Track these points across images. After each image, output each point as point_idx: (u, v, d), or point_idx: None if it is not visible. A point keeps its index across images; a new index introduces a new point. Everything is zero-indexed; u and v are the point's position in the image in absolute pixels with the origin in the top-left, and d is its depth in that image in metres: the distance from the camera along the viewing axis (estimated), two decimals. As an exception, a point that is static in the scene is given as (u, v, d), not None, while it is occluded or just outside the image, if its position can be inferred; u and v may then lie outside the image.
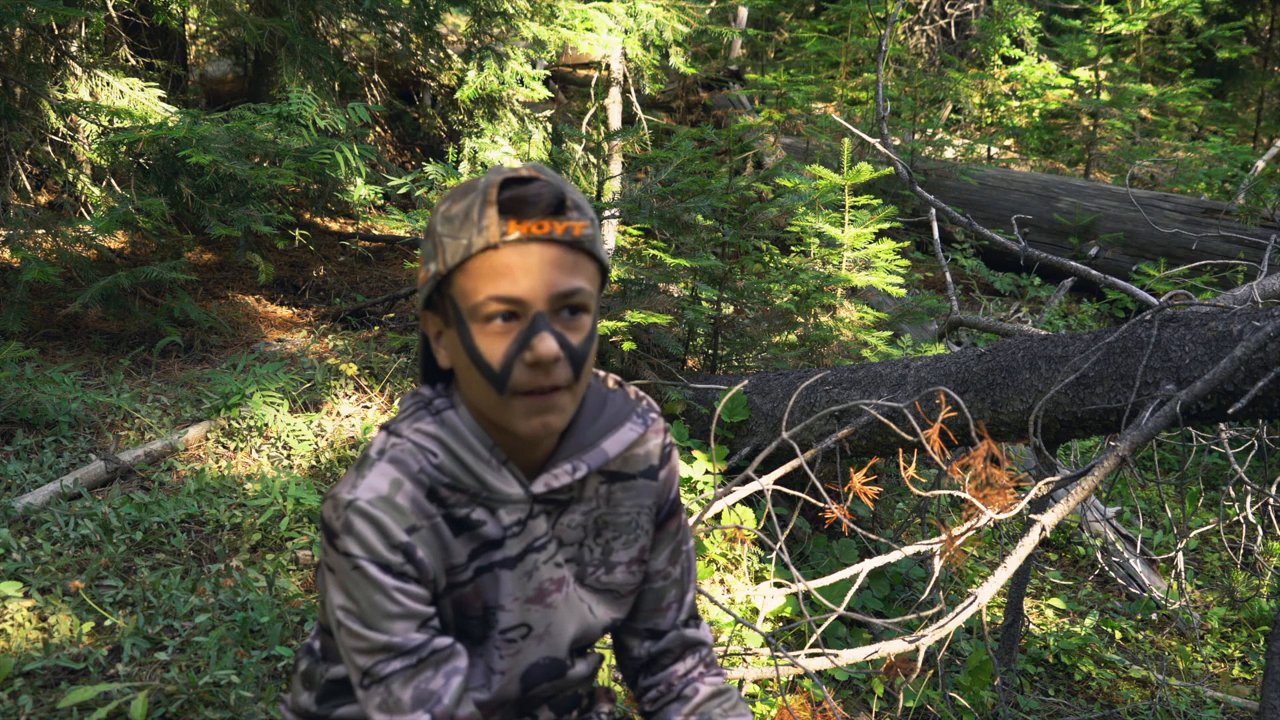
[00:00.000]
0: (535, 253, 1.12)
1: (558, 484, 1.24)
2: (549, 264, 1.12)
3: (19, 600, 2.38)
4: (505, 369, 1.13)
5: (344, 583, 1.17)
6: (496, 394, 1.15)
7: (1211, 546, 3.92)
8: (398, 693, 1.17)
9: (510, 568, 1.25)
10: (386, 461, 1.19)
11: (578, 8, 5.06)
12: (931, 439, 2.37)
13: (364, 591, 1.16)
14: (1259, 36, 10.51)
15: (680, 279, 3.95)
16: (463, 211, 1.14)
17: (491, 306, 1.12)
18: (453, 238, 1.14)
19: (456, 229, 1.13)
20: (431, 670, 1.18)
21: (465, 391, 1.21)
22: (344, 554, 1.16)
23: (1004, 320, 5.16)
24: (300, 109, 3.94)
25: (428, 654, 1.18)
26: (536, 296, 1.12)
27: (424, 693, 1.17)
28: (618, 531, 1.33)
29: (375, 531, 1.15)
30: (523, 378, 1.14)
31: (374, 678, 1.17)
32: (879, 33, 6.65)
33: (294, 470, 3.20)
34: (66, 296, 3.86)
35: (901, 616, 2.34)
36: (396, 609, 1.16)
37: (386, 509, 1.16)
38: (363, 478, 1.18)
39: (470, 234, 1.12)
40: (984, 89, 8.59)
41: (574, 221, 1.13)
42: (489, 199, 1.12)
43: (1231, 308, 2.47)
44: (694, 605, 1.45)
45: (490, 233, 1.11)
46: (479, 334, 1.14)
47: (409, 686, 1.17)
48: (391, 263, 5.20)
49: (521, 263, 1.11)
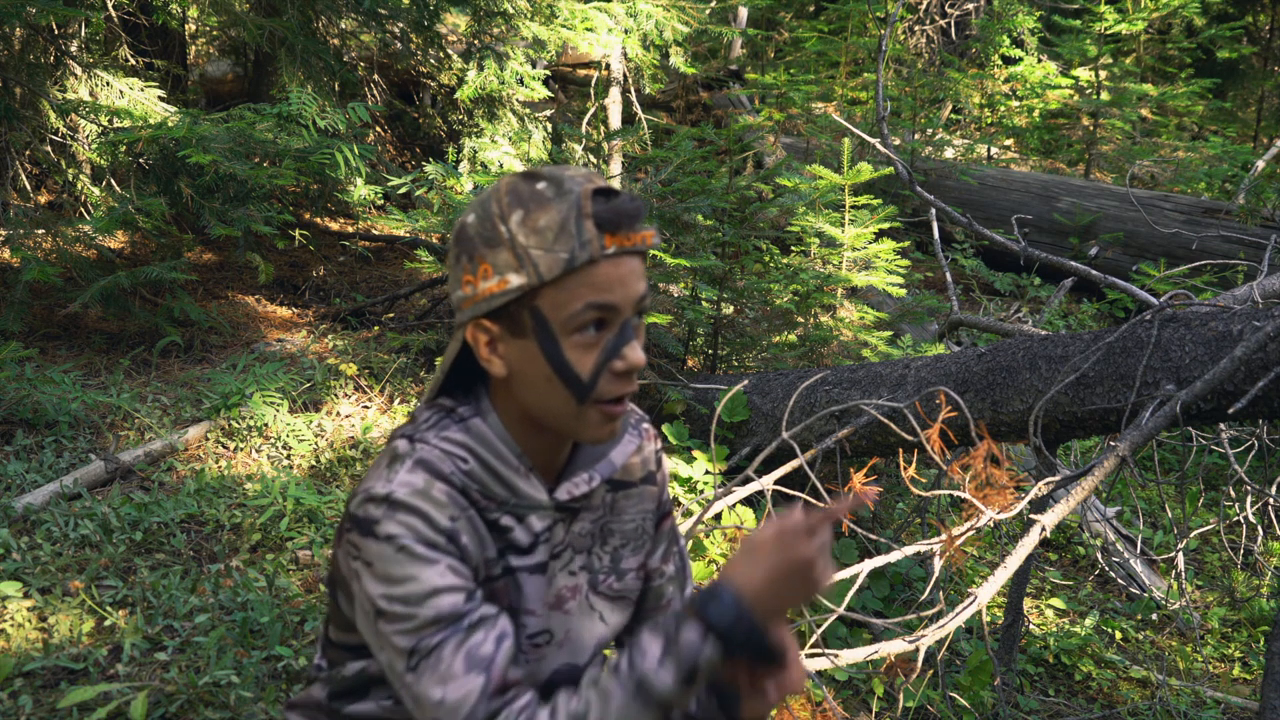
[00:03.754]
0: (625, 264, 1.16)
1: (579, 492, 1.26)
2: (633, 273, 1.17)
3: (19, 600, 2.38)
4: (594, 379, 1.16)
5: (385, 569, 1.14)
6: (576, 404, 1.17)
7: (1211, 546, 3.92)
8: (448, 659, 1.14)
9: (541, 572, 1.26)
10: (415, 461, 1.18)
11: (578, 8, 5.06)
12: (931, 439, 2.37)
13: (409, 570, 1.14)
14: (1259, 36, 10.51)
15: (680, 279, 3.95)
16: (555, 223, 1.13)
17: (589, 315, 1.14)
18: (547, 250, 1.13)
19: (551, 241, 1.13)
20: (482, 634, 1.16)
21: (528, 401, 1.20)
22: (385, 538, 1.14)
23: (1004, 320, 5.16)
24: (300, 109, 3.94)
25: (477, 619, 1.16)
26: (627, 304, 1.16)
27: (477, 657, 1.14)
28: (625, 539, 1.35)
29: (418, 518, 1.15)
30: (608, 387, 1.17)
31: (423, 652, 1.14)
32: (879, 33, 6.65)
33: (294, 470, 3.20)
34: (66, 296, 3.86)
35: (901, 616, 2.34)
36: (444, 582, 1.14)
37: (425, 500, 1.15)
38: (395, 474, 1.17)
39: (570, 247, 1.12)
40: (984, 89, 8.59)
41: (648, 231, 1.18)
42: (585, 211, 1.13)
43: (1231, 308, 2.47)
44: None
45: (593, 246, 1.13)
46: (569, 346, 1.15)
47: (460, 651, 1.14)
48: (391, 263, 5.20)
49: (616, 274, 1.15)
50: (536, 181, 1.16)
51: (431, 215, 4.09)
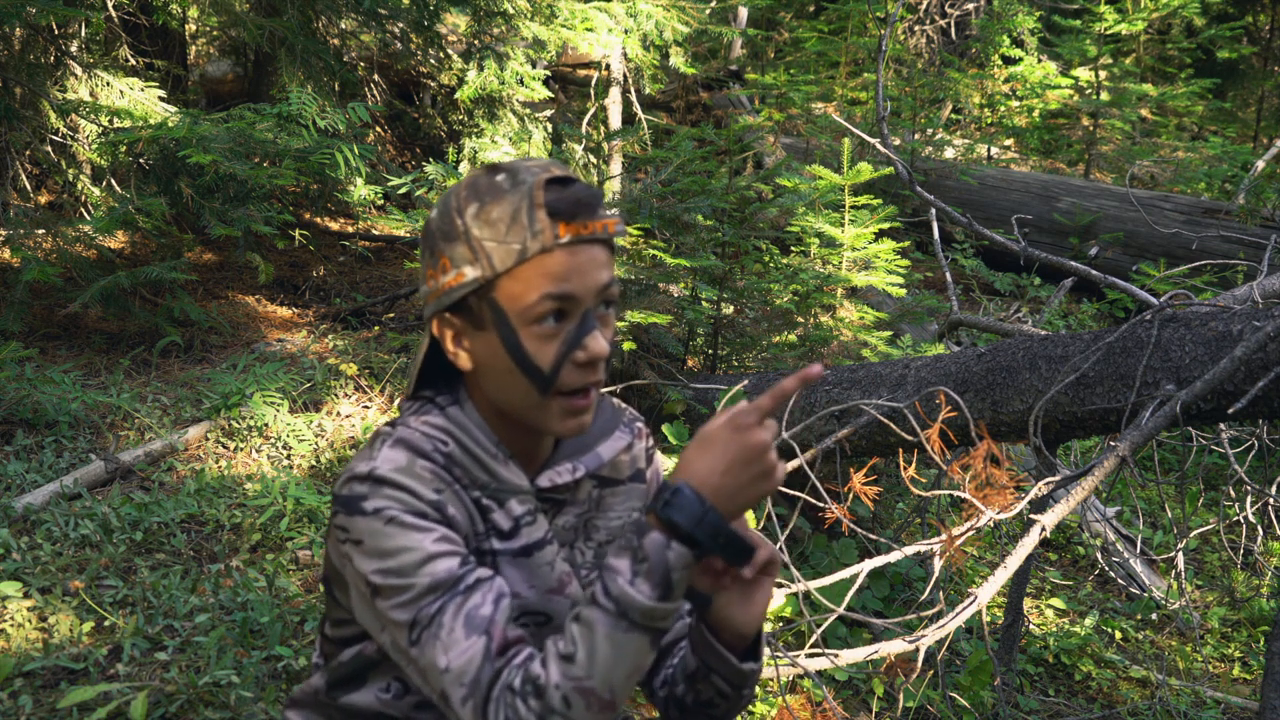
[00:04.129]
0: (583, 252, 1.14)
1: (561, 480, 1.26)
2: (594, 262, 1.15)
3: (19, 600, 2.39)
4: (554, 371, 1.15)
5: (375, 544, 1.14)
6: (539, 395, 1.16)
7: (1211, 546, 3.92)
8: (449, 624, 1.13)
9: (527, 555, 1.25)
10: (396, 439, 1.19)
11: (578, 8, 5.06)
12: (931, 439, 2.37)
13: (400, 541, 1.13)
14: (1259, 36, 10.51)
15: (680, 279, 3.95)
16: (507, 215, 1.13)
17: (546, 306, 1.13)
18: (500, 242, 1.13)
19: (503, 233, 1.13)
20: (479, 596, 1.15)
21: (493, 393, 1.20)
22: (373, 513, 1.14)
23: (1004, 320, 5.16)
24: (300, 109, 3.94)
25: (473, 581, 1.15)
26: (587, 294, 1.15)
27: (477, 618, 1.13)
28: (610, 535, 1.34)
29: (404, 491, 1.15)
30: (571, 378, 1.16)
31: (423, 622, 1.13)
32: (879, 33, 6.65)
33: (294, 470, 3.20)
34: (66, 296, 3.86)
35: (901, 616, 2.34)
36: (437, 548, 1.14)
37: (409, 474, 1.16)
38: (377, 452, 1.17)
39: (522, 238, 1.12)
40: (984, 89, 8.59)
41: (609, 219, 1.17)
42: (536, 201, 1.13)
43: (1231, 308, 2.47)
44: None
45: (545, 236, 1.12)
46: (528, 337, 1.15)
47: (460, 615, 1.13)
48: (391, 263, 5.20)
49: (573, 263, 1.13)
50: (496, 174, 1.17)
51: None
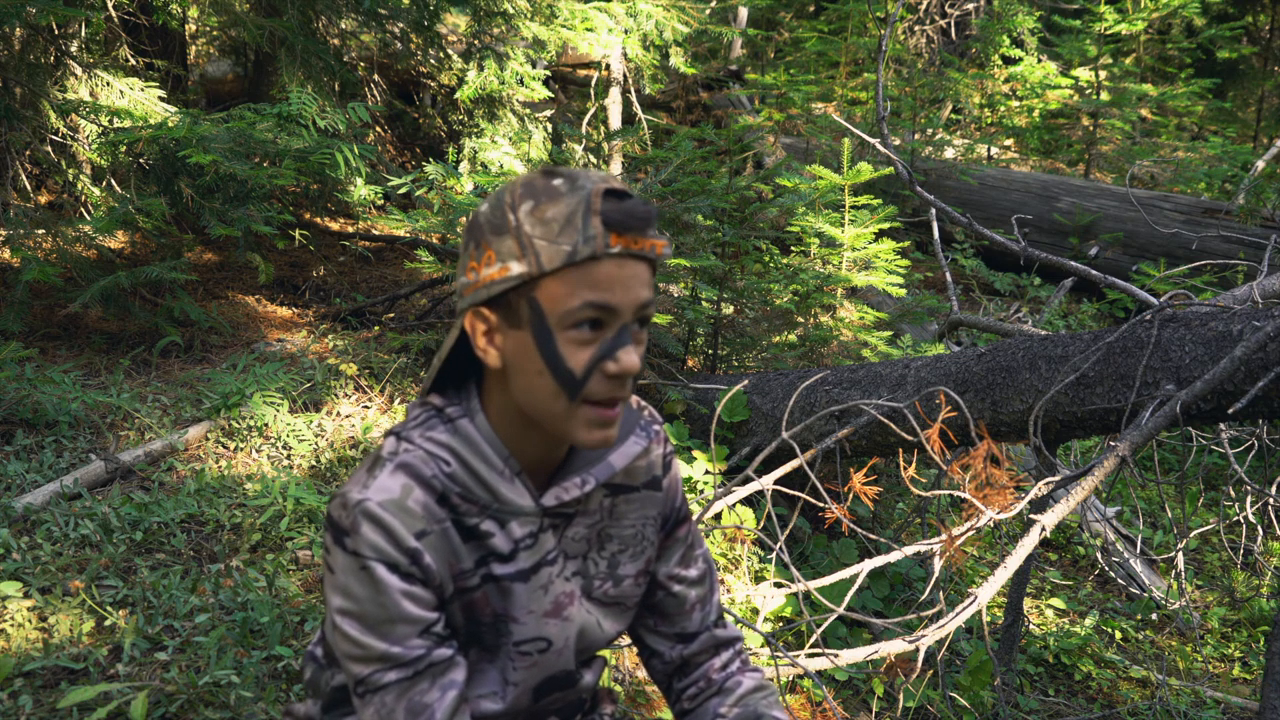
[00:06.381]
0: (629, 266, 1.14)
1: (568, 497, 1.25)
2: (637, 278, 1.15)
3: (19, 600, 2.38)
4: (585, 376, 1.15)
5: (347, 583, 1.16)
6: (566, 401, 1.16)
7: (1211, 546, 3.92)
8: (391, 704, 1.17)
9: (524, 580, 1.25)
10: (397, 465, 1.19)
11: (578, 8, 5.06)
12: (931, 439, 2.37)
13: (368, 592, 1.15)
14: (1259, 36, 10.51)
15: (680, 279, 3.95)
16: (562, 216, 1.13)
17: (586, 313, 1.13)
18: (551, 241, 1.13)
19: (556, 233, 1.13)
20: (428, 683, 1.18)
21: (519, 395, 1.19)
22: (352, 553, 1.16)
23: (1004, 320, 5.16)
24: (300, 109, 3.94)
25: (425, 666, 1.18)
26: (627, 308, 1.15)
27: (418, 705, 1.17)
28: (624, 544, 1.34)
29: (384, 534, 1.15)
30: (599, 387, 1.15)
31: (370, 687, 1.17)
32: (879, 33, 6.64)
33: (294, 470, 3.20)
34: (66, 296, 3.86)
35: (901, 616, 2.34)
36: (399, 613, 1.16)
37: (397, 511, 1.16)
38: (374, 478, 1.18)
39: (574, 241, 1.12)
40: (984, 89, 8.59)
41: (659, 240, 1.17)
42: (593, 208, 1.13)
43: (1231, 308, 2.47)
44: (720, 606, 1.46)
45: (596, 243, 1.12)
46: (563, 340, 1.14)
47: (404, 699, 1.17)
48: (391, 263, 5.20)
49: (619, 275, 1.14)
50: (554, 178, 1.16)
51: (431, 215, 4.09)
